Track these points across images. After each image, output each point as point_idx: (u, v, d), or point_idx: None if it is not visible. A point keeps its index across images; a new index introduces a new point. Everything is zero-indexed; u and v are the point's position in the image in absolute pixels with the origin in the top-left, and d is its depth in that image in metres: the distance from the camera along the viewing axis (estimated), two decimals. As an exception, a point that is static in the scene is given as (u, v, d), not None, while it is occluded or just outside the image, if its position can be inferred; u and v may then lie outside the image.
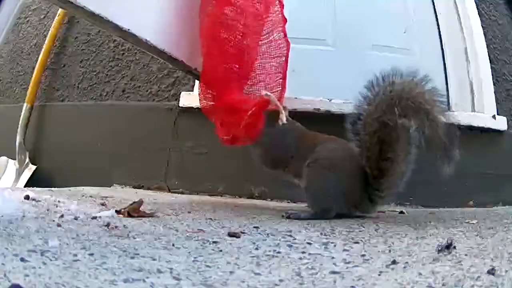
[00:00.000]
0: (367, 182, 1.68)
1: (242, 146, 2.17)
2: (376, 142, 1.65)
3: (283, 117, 1.77)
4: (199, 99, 1.94)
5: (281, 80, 2.04)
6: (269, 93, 1.79)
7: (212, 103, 1.89)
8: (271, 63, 2.03)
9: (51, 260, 0.85)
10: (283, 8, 2.06)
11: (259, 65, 2.00)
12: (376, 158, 1.65)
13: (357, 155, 1.70)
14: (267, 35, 2.01)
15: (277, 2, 2.04)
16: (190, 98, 2.41)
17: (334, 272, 0.90)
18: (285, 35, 2.06)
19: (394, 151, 1.63)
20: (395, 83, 1.63)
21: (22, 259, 0.82)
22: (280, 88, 2.04)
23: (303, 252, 1.07)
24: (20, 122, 2.74)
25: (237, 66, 1.88)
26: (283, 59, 2.05)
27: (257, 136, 1.75)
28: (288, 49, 2.06)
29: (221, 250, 1.06)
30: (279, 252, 1.07)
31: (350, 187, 1.66)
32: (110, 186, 2.42)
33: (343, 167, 1.67)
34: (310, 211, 1.67)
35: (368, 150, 1.66)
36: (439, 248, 1.05)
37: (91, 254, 0.92)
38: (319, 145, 1.71)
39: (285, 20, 2.05)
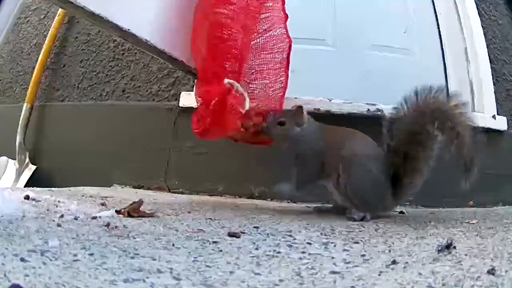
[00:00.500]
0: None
1: (243, 146, 2.18)
2: (408, 142, 1.70)
3: (246, 103, 1.75)
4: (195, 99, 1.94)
5: (283, 77, 2.03)
6: (231, 81, 1.75)
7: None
8: (270, 60, 2.01)
9: (51, 260, 0.85)
10: (284, 4, 2.04)
11: (257, 62, 1.98)
12: (404, 157, 1.70)
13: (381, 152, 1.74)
14: (263, 32, 1.98)
15: None
16: (190, 98, 2.40)
17: (334, 272, 0.90)
18: (287, 32, 2.04)
19: (422, 153, 1.70)
20: (439, 97, 1.71)
21: (22, 259, 0.82)
22: (282, 86, 2.03)
23: (303, 252, 1.07)
24: (20, 122, 2.74)
25: (228, 63, 1.86)
26: (284, 55, 2.03)
27: (226, 129, 1.77)
28: (290, 47, 2.04)
29: (221, 250, 1.06)
30: (279, 252, 1.07)
31: (382, 183, 1.70)
32: (110, 186, 2.42)
33: (377, 162, 1.72)
34: (360, 211, 1.66)
35: (398, 149, 1.71)
36: (439, 248, 1.05)
37: (91, 254, 0.92)
38: (348, 141, 1.73)
39: (286, 17, 2.04)
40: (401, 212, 1.94)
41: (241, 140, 2.01)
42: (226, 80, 1.76)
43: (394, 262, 0.97)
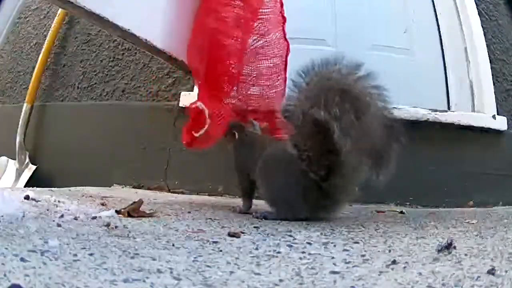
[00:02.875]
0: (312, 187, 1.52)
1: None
2: (312, 136, 1.49)
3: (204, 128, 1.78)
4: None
5: (280, 81, 2.04)
6: (201, 104, 1.79)
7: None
8: (267, 65, 2.01)
9: (51, 260, 0.85)
10: (282, 6, 2.05)
11: (254, 69, 1.99)
12: (317, 154, 1.50)
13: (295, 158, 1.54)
14: (259, 37, 1.99)
15: (273, 1, 2.02)
16: (190, 98, 2.40)
17: (334, 272, 0.90)
18: (284, 36, 2.05)
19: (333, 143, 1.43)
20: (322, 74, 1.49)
21: (22, 259, 0.82)
22: (280, 90, 2.04)
23: (303, 252, 1.07)
24: (20, 122, 2.74)
25: (225, 84, 1.89)
26: (282, 59, 2.04)
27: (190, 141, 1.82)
28: (288, 50, 2.05)
29: (221, 250, 1.06)
30: (279, 252, 1.07)
31: (291, 184, 1.55)
32: (110, 186, 2.42)
33: (280, 167, 1.57)
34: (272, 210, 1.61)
35: (306, 146, 1.52)
36: (439, 248, 1.05)
37: (91, 254, 0.92)
38: (268, 147, 1.66)
39: (284, 19, 2.04)
40: (401, 212, 1.95)
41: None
42: (199, 103, 1.80)
43: (394, 262, 0.97)
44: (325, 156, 1.48)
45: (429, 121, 2.32)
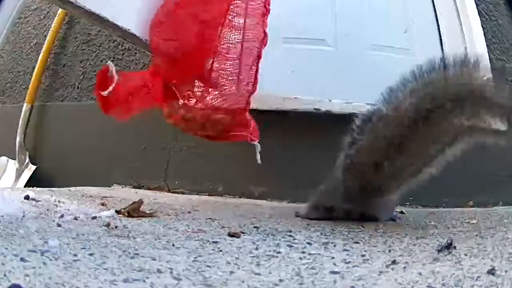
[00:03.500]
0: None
1: (244, 146, 2.18)
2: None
3: (110, 87, 1.73)
4: None
5: (253, 72, 1.95)
6: (110, 63, 1.76)
7: None
8: (236, 53, 1.93)
9: (51, 260, 0.85)
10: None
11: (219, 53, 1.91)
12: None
13: None
14: (229, 22, 1.90)
15: None
16: (190, 98, 2.40)
17: (334, 272, 0.90)
18: (265, 26, 1.95)
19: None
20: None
21: (22, 259, 0.82)
22: (252, 82, 1.95)
23: (303, 252, 1.07)
24: (20, 122, 2.74)
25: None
26: (255, 51, 1.95)
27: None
28: (264, 42, 1.95)
29: (221, 250, 1.06)
30: (279, 252, 1.07)
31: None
32: (110, 186, 2.42)
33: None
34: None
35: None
36: (439, 248, 1.05)
37: (91, 254, 0.92)
38: None
39: (267, 12, 1.98)
40: (401, 212, 1.94)
41: (186, 131, 2.02)
42: (109, 62, 1.77)
43: (394, 262, 0.97)
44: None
45: (429, 121, 2.32)
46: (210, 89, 1.95)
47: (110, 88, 1.71)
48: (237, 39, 1.93)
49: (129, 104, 1.78)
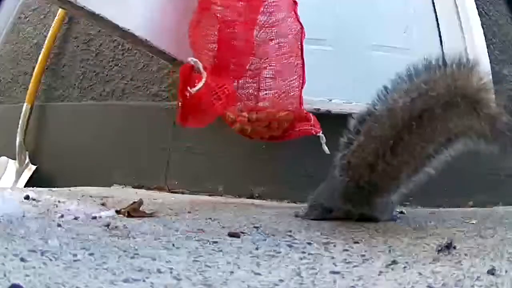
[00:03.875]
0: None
1: (243, 146, 2.18)
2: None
3: (199, 84, 1.69)
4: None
5: (298, 67, 1.94)
6: (195, 59, 1.71)
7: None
8: (280, 52, 1.93)
9: (51, 260, 0.85)
10: None
11: (262, 51, 1.91)
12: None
13: None
14: (267, 20, 1.91)
15: None
16: (190, 98, 2.40)
17: (334, 272, 0.90)
18: (297, 19, 1.96)
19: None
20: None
21: (22, 259, 0.82)
22: (298, 76, 1.94)
23: (303, 252, 1.07)
24: (20, 122, 2.73)
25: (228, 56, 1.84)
26: (297, 42, 1.94)
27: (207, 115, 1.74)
28: (302, 34, 1.95)
29: (221, 250, 1.06)
30: (279, 252, 1.07)
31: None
32: (110, 186, 2.42)
33: None
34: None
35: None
36: (439, 248, 1.05)
37: (91, 254, 0.92)
38: None
39: (295, 3, 1.98)
40: (401, 212, 1.94)
41: (253, 134, 1.98)
42: (190, 58, 1.73)
43: (394, 262, 0.97)
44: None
45: (429, 121, 2.32)
46: (262, 90, 1.93)
47: (201, 84, 1.67)
48: (272, 35, 1.92)
49: (213, 108, 1.73)
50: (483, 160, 2.03)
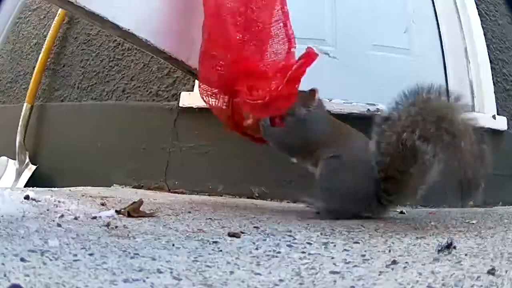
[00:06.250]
0: (378, 185, 1.65)
1: (243, 146, 2.17)
2: (394, 153, 1.59)
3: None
4: (199, 86, 1.89)
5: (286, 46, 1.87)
6: (311, 47, 1.69)
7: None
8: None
9: (51, 260, 0.85)
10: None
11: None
12: (389, 167, 1.61)
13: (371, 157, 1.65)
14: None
15: None
16: (190, 98, 2.40)
17: (334, 272, 0.90)
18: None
19: (408, 167, 1.58)
20: (430, 99, 1.55)
21: (22, 259, 0.82)
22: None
23: (303, 252, 1.07)
24: (20, 122, 2.74)
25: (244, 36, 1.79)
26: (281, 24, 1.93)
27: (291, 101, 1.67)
28: (285, 17, 1.92)
29: (221, 250, 1.06)
30: (279, 252, 1.07)
31: (362, 189, 1.63)
32: (110, 186, 2.42)
33: (359, 168, 1.65)
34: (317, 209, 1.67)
35: (385, 155, 1.62)
36: (439, 248, 1.05)
37: (91, 254, 0.92)
38: (342, 139, 1.69)
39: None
40: (401, 212, 1.95)
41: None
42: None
43: (394, 262, 0.97)
44: (396, 172, 1.60)
45: (429, 121, 2.32)
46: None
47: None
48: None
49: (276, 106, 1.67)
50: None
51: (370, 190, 1.64)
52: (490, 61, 2.63)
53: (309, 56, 1.70)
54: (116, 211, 1.47)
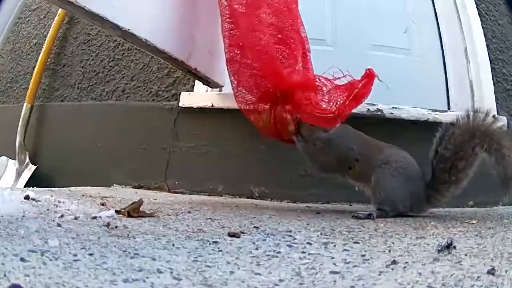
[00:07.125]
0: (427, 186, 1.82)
1: (243, 146, 2.17)
2: (456, 155, 1.80)
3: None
4: (236, 100, 1.95)
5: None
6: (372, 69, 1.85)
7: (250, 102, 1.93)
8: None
9: (51, 260, 0.85)
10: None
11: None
12: (450, 167, 1.80)
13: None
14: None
15: None
16: (190, 98, 2.40)
17: (334, 272, 0.90)
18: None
19: (465, 167, 1.81)
20: (496, 121, 1.85)
21: (22, 259, 0.82)
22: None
23: (303, 252, 1.07)
24: (20, 122, 2.74)
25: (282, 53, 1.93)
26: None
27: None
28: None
29: (221, 250, 1.06)
30: (279, 252, 1.07)
31: (416, 189, 1.79)
32: (110, 186, 2.42)
33: (412, 170, 1.82)
34: (379, 210, 1.75)
35: (446, 158, 1.80)
36: (439, 248, 1.05)
37: (91, 254, 0.92)
38: (385, 148, 1.83)
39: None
40: (402, 212, 1.95)
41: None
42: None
43: (394, 262, 0.97)
44: (454, 171, 1.80)
45: (429, 121, 2.32)
46: None
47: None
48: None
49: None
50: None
51: (422, 191, 1.80)
52: (490, 61, 2.62)
53: (371, 76, 1.87)
54: (116, 211, 1.47)
